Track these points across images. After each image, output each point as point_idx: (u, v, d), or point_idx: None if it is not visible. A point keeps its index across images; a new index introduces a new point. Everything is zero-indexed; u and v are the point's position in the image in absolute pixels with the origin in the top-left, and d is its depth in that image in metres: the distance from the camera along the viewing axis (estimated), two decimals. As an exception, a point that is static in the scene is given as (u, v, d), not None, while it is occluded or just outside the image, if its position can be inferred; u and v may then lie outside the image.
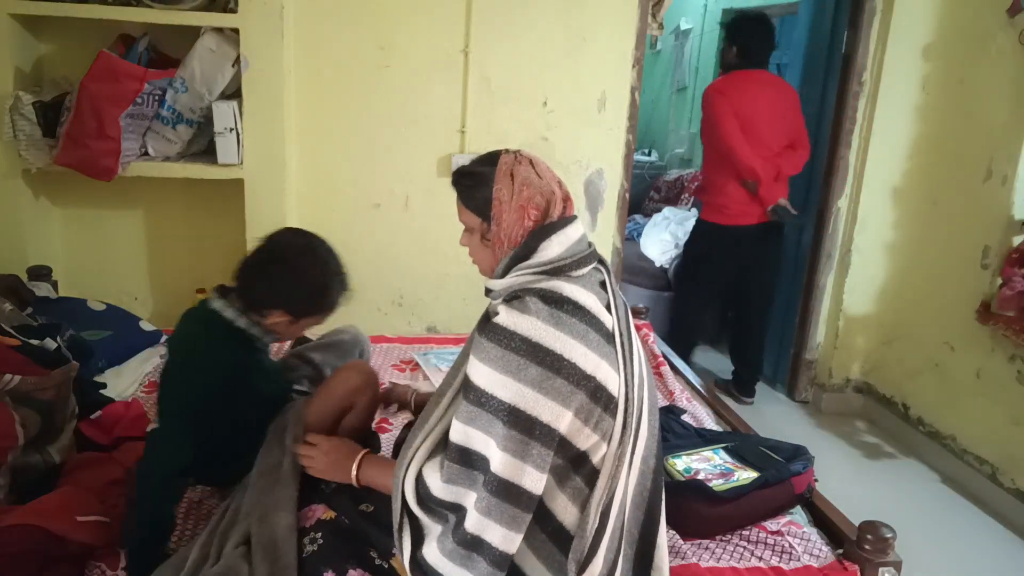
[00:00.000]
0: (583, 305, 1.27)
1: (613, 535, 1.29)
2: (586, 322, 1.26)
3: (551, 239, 1.30)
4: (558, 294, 1.26)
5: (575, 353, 1.23)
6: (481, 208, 1.34)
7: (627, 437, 1.28)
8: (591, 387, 1.24)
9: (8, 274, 2.40)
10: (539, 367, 1.21)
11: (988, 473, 2.93)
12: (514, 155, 1.36)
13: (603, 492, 1.27)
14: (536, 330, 1.22)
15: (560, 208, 1.34)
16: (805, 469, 1.78)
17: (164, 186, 2.89)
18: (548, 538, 1.28)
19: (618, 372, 1.28)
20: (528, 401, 1.21)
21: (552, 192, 1.34)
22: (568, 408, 1.22)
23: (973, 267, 3.02)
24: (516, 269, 1.31)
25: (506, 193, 1.32)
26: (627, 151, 3.18)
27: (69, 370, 1.72)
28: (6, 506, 1.47)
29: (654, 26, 3.46)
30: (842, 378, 3.67)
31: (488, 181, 1.33)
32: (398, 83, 2.93)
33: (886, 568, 1.55)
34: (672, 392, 2.38)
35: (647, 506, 1.37)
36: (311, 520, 1.47)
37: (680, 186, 5.43)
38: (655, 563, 1.37)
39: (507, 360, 1.22)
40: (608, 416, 1.27)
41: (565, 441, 1.25)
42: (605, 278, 1.37)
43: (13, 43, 2.60)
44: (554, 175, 1.38)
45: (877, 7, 3.28)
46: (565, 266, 1.30)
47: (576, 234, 1.34)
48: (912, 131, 3.34)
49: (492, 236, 1.34)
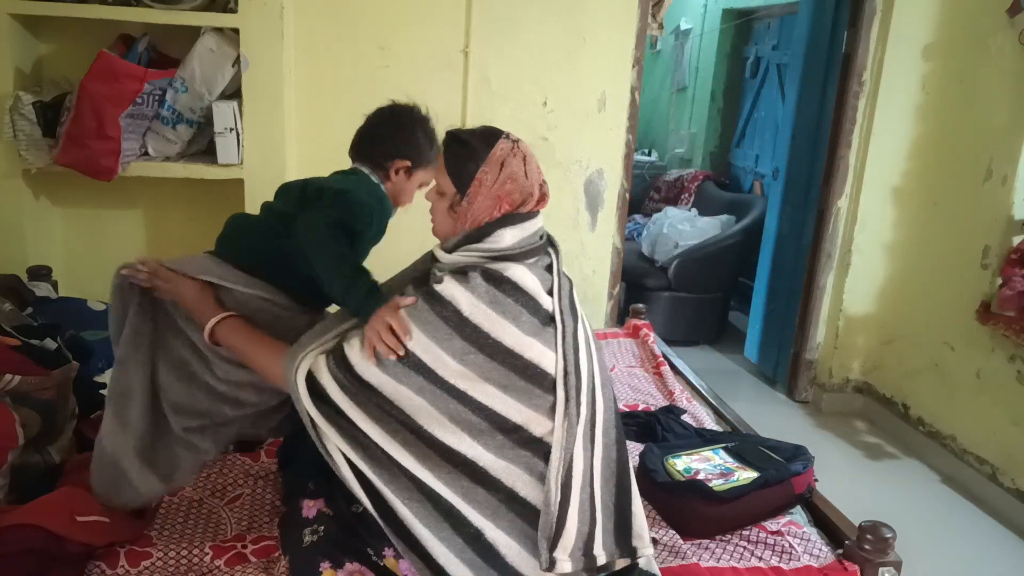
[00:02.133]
0: (522, 286, 1.32)
1: (583, 508, 1.31)
2: (522, 303, 1.31)
3: (506, 230, 1.36)
4: (500, 274, 1.32)
5: (503, 332, 1.29)
6: (462, 180, 1.37)
7: (572, 410, 1.32)
8: (519, 364, 1.30)
9: (8, 274, 2.40)
10: (463, 341, 1.29)
11: (988, 473, 2.93)
12: (512, 145, 1.39)
13: (559, 464, 1.30)
14: (470, 306, 1.29)
15: (531, 207, 1.39)
16: (805, 469, 1.78)
17: (164, 186, 2.89)
18: (516, 516, 1.31)
19: (555, 350, 1.32)
20: (448, 369, 1.29)
21: (531, 194, 1.38)
22: (487, 382, 1.29)
23: (973, 267, 3.02)
24: (466, 248, 1.36)
25: (490, 179, 1.36)
26: (627, 151, 3.18)
27: (69, 370, 1.72)
28: (6, 506, 1.46)
29: (654, 26, 3.46)
30: (842, 378, 3.67)
31: (478, 158, 1.36)
32: (398, 83, 2.93)
33: (886, 568, 1.55)
34: (672, 392, 2.38)
35: (616, 478, 1.40)
36: (313, 511, 1.48)
37: (680, 186, 5.43)
38: (634, 530, 1.39)
39: (436, 326, 1.29)
40: (544, 392, 1.32)
41: (495, 414, 1.30)
42: (553, 261, 1.42)
43: (13, 43, 2.60)
44: (539, 175, 1.42)
45: (877, 7, 3.28)
46: (515, 255, 1.36)
47: (532, 228, 1.39)
48: (912, 131, 3.34)
49: (460, 210, 1.38)
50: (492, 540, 1.31)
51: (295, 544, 1.43)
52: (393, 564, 1.38)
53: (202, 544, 1.53)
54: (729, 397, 2.53)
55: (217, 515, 1.66)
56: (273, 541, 1.55)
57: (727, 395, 2.55)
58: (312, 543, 1.42)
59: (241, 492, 1.73)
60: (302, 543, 1.43)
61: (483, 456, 1.31)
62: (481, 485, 1.31)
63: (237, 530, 1.61)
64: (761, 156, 5.01)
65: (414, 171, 1.71)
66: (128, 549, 1.49)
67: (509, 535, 1.31)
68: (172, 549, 1.51)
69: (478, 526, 1.31)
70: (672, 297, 4.37)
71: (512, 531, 1.31)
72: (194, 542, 1.54)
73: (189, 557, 1.50)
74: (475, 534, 1.31)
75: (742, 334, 4.37)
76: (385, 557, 1.39)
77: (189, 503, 1.68)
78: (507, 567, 1.31)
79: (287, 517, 1.53)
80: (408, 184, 1.73)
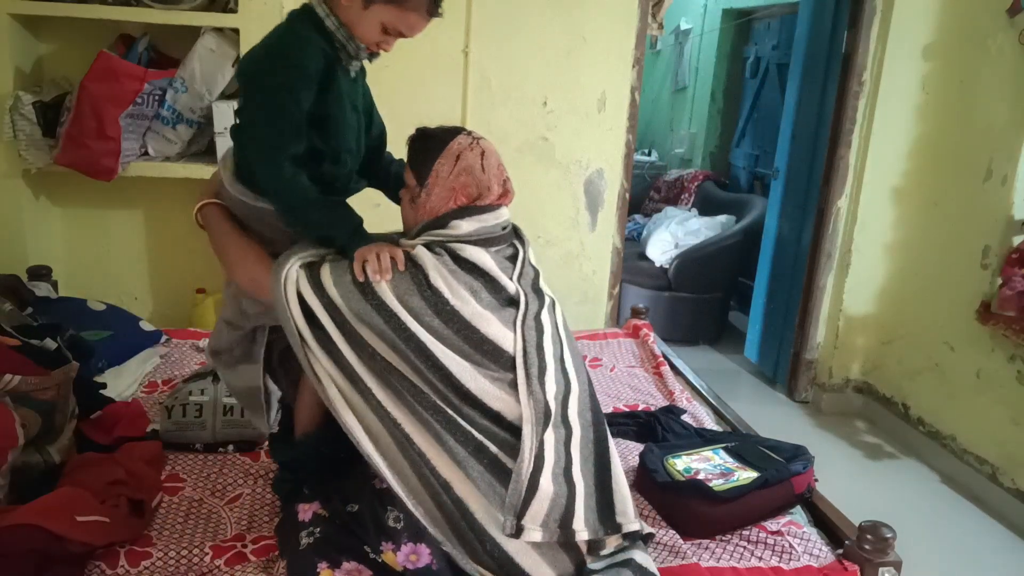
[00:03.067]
0: (480, 265, 1.39)
1: (558, 481, 1.34)
2: (481, 282, 1.38)
3: (464, 219, 1.41)
4: (458, 253, 1.39)
5: (461, 304, 1.35)
6: (420, 173, 1.44)
7: (536, 387, 1.36)
8: (475, 338, 1.36)
9: (8, 274, 2.40)
10: (422, 300, 1.35)
11: (988, 473, 2.93)
12: (471, 141, 1.44)
13: (532, 439, 1.34)
14: (434, 270, 1.35)
15: (489, 201, 1.44)
16: (805, 469, 1.78)
17: (164, 186, 2.89)
18: (485, 469, 1.34)
19: (513, 331, 1.39)
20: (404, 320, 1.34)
21: (488, 188, 1.43)
22: (441, 342, 1.34)
23: (973, 267, 3.02)
24: (428, 233, 1.43)
25: (446, 171, 1.42)
26: (627, 151, 3.18)
27: (69, 370, 1.72)
28: (6, 506, 1.46)
29: (654, 26, 3.46)
30: (842, 378, 3.67)
31: (437, 151, 1.42)
32: (398, 83, 2.93)
33: (886, 568, 1.55)
34: (672, 392, 2.38)
35: (595, 456, 1.44)
36: (308, 514, 1.48)
37: (680, 186, 5.43)
38: (616, 507, 1.41)
39: (401, 280, 1.36)
40: (501, 368, 1.37)
41: (449, 374, 1.35)
42: (519, 250, 1.48)
43: (13, 43, 2.60)
44: (501, 174, 1.45)
45: (877, 7, 3.28)
46: (471, 241, 1.41)
47: (492, 220, 1.44)
48: (912, 131, 3.34)
49: (420, 203, 1.45)
50: (460, 495, 1.33)
51: (292, 547, 1.43)
52: (391, 559, 1.39)
53: (202, 544, 1.53)
54: (729, 397, 2.53)
55: (217, 515, 1.66)
56: (273, 540, 1.55)
57: (727, 395, 2.55)
58: (309, 545, 1.42)
59: (241, 492, 1.74)
60: (299, 546, 1.43)
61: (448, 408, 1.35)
62: (450, 433, 1.34)
63: (237, 530, 1.61)
64: (761, 156, 5.01)
65: (372, 1, 1.39)
66: (128, 549, 1.49)
67: (478, 489, 1.33)
68: (172, 549, 1.51)
69: (446, 478, 1.34)
70: (672, 297, 4.37)
71: (481, 484, 1.33)
72: (194, 542, 1.54)
73: (189, 557, 1.50)
74: (444, 485, 1.34)
75: (742, 334, 4.37)
76: (383, 552, 1.39)
77: (189, 503, 1.69)
78: (475, 524, 1.33)
79: (283, 521, 1.53)
80: (363, 17, 1.40)
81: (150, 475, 1.70)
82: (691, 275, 4.35)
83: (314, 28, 1.43)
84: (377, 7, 1.40)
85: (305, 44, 1.41)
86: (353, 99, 1.53)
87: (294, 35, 1.42)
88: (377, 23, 1.42)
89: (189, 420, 1.89)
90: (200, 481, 1.78)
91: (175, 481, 1.77)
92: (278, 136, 1.40)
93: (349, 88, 1.50)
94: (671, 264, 4.37)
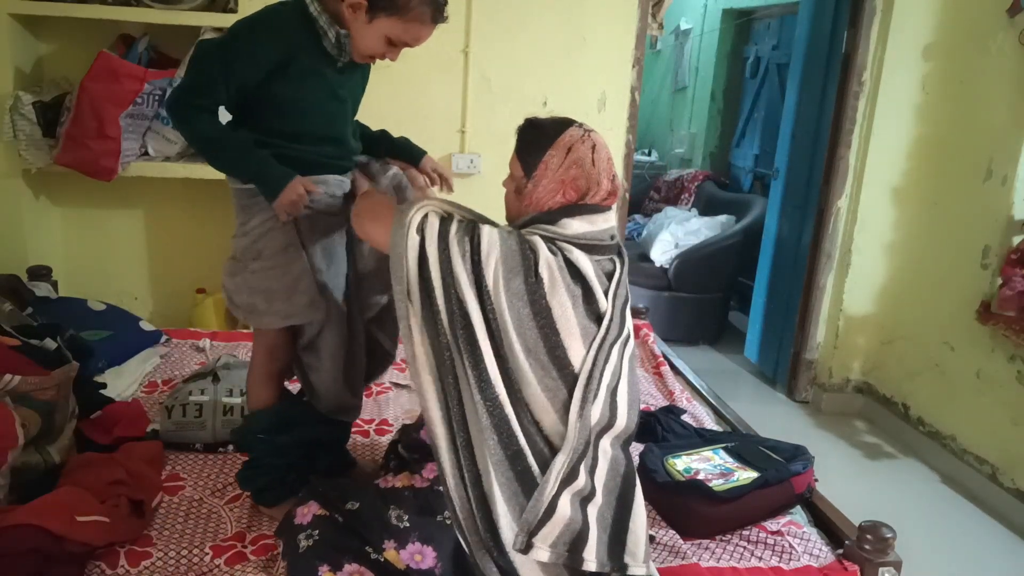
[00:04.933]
0: (583, 272, 1.33)
1: (575, 507, 1.30)
2: (581, 289, 1.33)
3: (575, 218, 1.36)
4: (567, 256, 1.33)
5: (556, 302, 1.30)
6: (529, 164, 1.40)
7: (587, 412, 1.32)
8: (551, 341, 1.31)
9: (8, 274, 2.40)
10: (523, 284, 1.29)
11: (988, 473, 2.93)
12: (583, 133, 1.41)
13: (565, 461, 1.30)
14: (544, 260, 1.30)
15: (600, 199, 1.39)
16: (805, 469, 1.78)
17: (164, 186, 2.89)
18: (515, 477, 1.31)
19: (588, 349, 1.33)
20: (498, 299, 1.28)
21: (598, 183, 1.39)
22: (519, 335, 1.29)
23: (973, 267, 3.02)
24: (533, 227, 1.37)
25: (556, 162, 1.37)
26: (627, 151, 3.18)
27: (69, 370, 1.72)
28: (6, 506, 1.46)
29: (654, 26, 3.47)
30: (842, 378, 3.67)
31: (548, 142, 1.38)
32: (398, 83, 2.93)
33: (886, 568, 1.55)
34: (672, 392, 2.38)
35: (619, 492, 1.40)
36: (307, 516, 1.48)
37: (680, 186, 5.43)
38: (628, 547, 1.38)
39: (511, 258, 1.29)
40: (559, 379, 1.32)
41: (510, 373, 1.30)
42: (617, 269, 1.41)
43: (13, 43, 2.61)
44: (611, 169, 1.42)
45: (877, 7, 3.28)
46: (580, 245, 1.36)
47: (603, 223, 1.39)
48: (912, 131, 3.34)
49: (526, 193, 1.40)
50: (486, 491, 1.32)
51: (292, 550, 1.43)
52: (394, 556, 1.38)
53: (202, 543, 1.53)
54: (729, 397, 2.53)
55: (217, 514, 1.66)
56: (272, 540, 1.55)
57: (727, 395, 2.55)
58: (308, 548, 1.42)
59: (241, 492, 1.73)
60: (299, 549, 1.42)
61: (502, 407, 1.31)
62: (496, 431, 1.31)
63: (237, 529, 1.61)
64: (761, 156, 5.01)
65: (375, 15, 1.40)
66: (128, 549, 1.49)
67: (503, 493, 1.31)
68: (172, 549, 1.51)
69: (480, 470, 1.33)
70: (672, 297, 4.37)
71: (506, 491, 1.31)
72: (194, 542, 1.54)
73: (189, 557, 1.50)
74: (474, 477, 1.33)
75: (742, 334, 4.37)
76: (385, 550, 1.39)
77: (189, 503, 1.69)
78: (491, 524, 1.32)
79: (283, 524, 1.53)
80: (368, 30, 1.42)
81: (150, 475, 1.70)
82: (691, 275, 4.35)
83: (297, 12, 1.45)
84: (381, 20, 1.41)
85: (268, 31, 1.43)
86: (336, 88, 1.53)
87: (266, 18, 1.45)
88: (382, 35, 1.44)
89: (189, 420, 1.89)
90: (200, 481, 1.78)
91: (175, 481, 1.77)
92: (190, 84, 1.45)
93: (332, 76, 1.51)
94: (671, 264, 4.37)
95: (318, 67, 1.48)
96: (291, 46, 1.43)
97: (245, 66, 1.42)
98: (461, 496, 1.34)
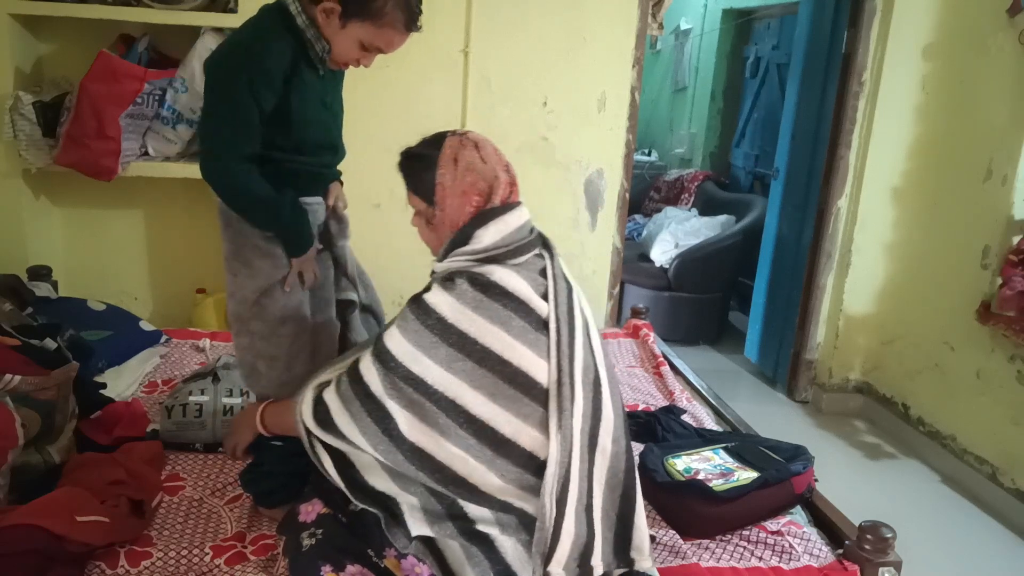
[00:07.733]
0: (511, 291, 1.28)
1: (579, 520, 1.30)
2: (511, 308, 1.28)
3: (487, 227, 1.32)
4: (486, 279, 1.28)
5: (491, 338, 1.26)
6: (426, 192, 1.35)
7: (566, 423, 1.27)
8: (507, 372, 1.26)
9: (8, 274, 2.40)
10: (449, 348, 1.26)
11: (988, 473, 2.93)
12: (460, 138, 1.36)
13: (554, 480, 1.27)
14: (455, 312, 1.26)
15: (504, 193, 1.35)
16: (805, 469, 1.78)
17: (164, 186, 2.89)
18: (516, 518, 1.31)
19: (547, 360, 1.29)
20: (436, 379, 1.26)
21: (495, 177, 1.34)
22: (477, 390, 1.26)
23: (973, 267, 3.02)
24: (453, 254, 1.33)
25: (449, 178, 1.33)
26: (627, 151, 3.18)
27: (69, 370, 1.72)
28: (6, 506, 1.47)
29: (654, 26, 3.46)
30: (842, 378, 3.67)
31: (433, 165, 1.34)
32: (398, 83, 2.93)
33: (886, 568, 1.55)
34: (672, 392, 2.38)
35: (622, 488, 1.38)
36: (311, 515, 1.48)
37: (680, 186, 5.43)
38: (634, 543, 1.38)
39: (421, 335, 1.27)
40: (533, 402, 1.28)
41: (485, 425, 1.26)
42: (547, 264, 1.36)
43: (13, 43, 2.61)
44: (501, 159, 1.37)
45: (877, 7, 3.28)
46: (500, 255, 1.31)
47: (516, 221, 1.34)
48: (912, 131, 3.34)
49: (437, 222, 1.36)
50: (496, 541, 1.31)
51: (294, 548, 1.43)
52: (394, 564, 1.38)
53: (202, 544, 1.53)
54: (729, 397, 2.53)
55: (217, 514, 1.66)
56: (273, 540, 1.55)
57: (727, 395, 2.55)
58: (311, 546, 1.41)
59: (241, 492, 1.73)
60: (301, 547, 1.42)
61: (475, 471, 1.29)
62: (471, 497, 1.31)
63: (237, 529, 1.61)
64: (761, 156, 5.01)
65: (348, 20, 1.41)
66: (128, 549, 1.49)
67: (506, 534, 1.31)
68: (172, 549, 1.51)
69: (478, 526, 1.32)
70: (672, 297, 4.37)
71: (507, 530, 1.32)
72: (194, 542, 1.54)
73: (189, 557, 1.50)
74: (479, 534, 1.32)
75: (742, 334, 4.37)
76: (386, 557, 1.39)
77: (189, 503, 1.69)
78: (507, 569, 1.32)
79: (285, 522, 1.53)
80: (341, 35, 1.43)
81: (150, 475, 1.70)
82: (691, 275, 4.35)
83: (283, 24, 1.43)
84: (354, 25, 1.41)
85: (270, 42, 1.42)
86: (323, 96, 1.54)
87: (261, 31, 1.43)
88: (355, 40, 1.44)
89: (189, 420, 1.89)
90: (200, 481, 1.78)
91: (175, 481, 1.77)
92: (232, 135, 1.42)
93: (318, 85, 1.51)
94: (671, 264, 4.37)
95: (310, 77, 1.49)
96: (291, 59, 1.44)
97: (268, 89, 1.41)
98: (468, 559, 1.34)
